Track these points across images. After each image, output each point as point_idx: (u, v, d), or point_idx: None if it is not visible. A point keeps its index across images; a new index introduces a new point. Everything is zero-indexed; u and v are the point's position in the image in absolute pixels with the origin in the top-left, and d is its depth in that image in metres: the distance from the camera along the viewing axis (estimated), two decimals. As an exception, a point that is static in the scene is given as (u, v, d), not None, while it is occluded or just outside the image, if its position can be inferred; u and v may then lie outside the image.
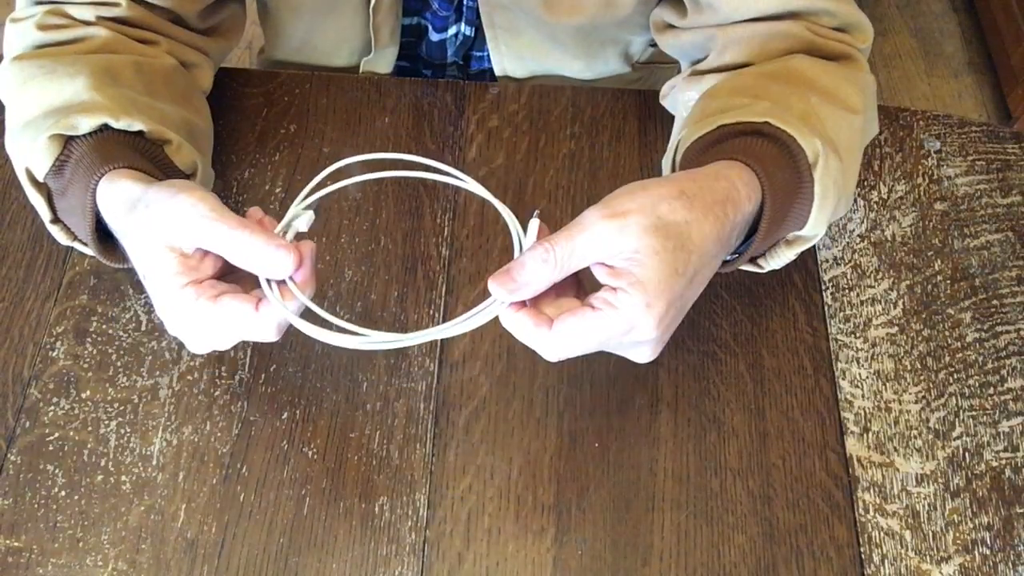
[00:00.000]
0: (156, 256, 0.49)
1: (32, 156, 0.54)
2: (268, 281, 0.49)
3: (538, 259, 0.47)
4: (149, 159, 0.57)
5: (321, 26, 0.78)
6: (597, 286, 0.49)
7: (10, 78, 0.59)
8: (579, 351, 0.49)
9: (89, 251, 0.58)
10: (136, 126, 0.56)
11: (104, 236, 0.56)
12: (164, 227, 0.49)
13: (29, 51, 0.61)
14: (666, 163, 0.64)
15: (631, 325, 0.47)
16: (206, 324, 0.50)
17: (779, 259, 0.59)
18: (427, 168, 0.54)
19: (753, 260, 0.60)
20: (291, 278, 0.49)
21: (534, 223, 0.51)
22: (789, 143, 0.54)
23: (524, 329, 0.48)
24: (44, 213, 0.57)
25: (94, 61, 0.59)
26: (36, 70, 0.58)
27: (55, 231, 0.58)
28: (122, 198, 0.52)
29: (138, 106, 0.58)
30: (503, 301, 0.48)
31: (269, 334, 0.50)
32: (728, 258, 0.57)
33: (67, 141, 0.55)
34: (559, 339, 0.48)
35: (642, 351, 0.51)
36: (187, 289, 0.49)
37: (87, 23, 0.61)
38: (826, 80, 0.60)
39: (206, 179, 0.63)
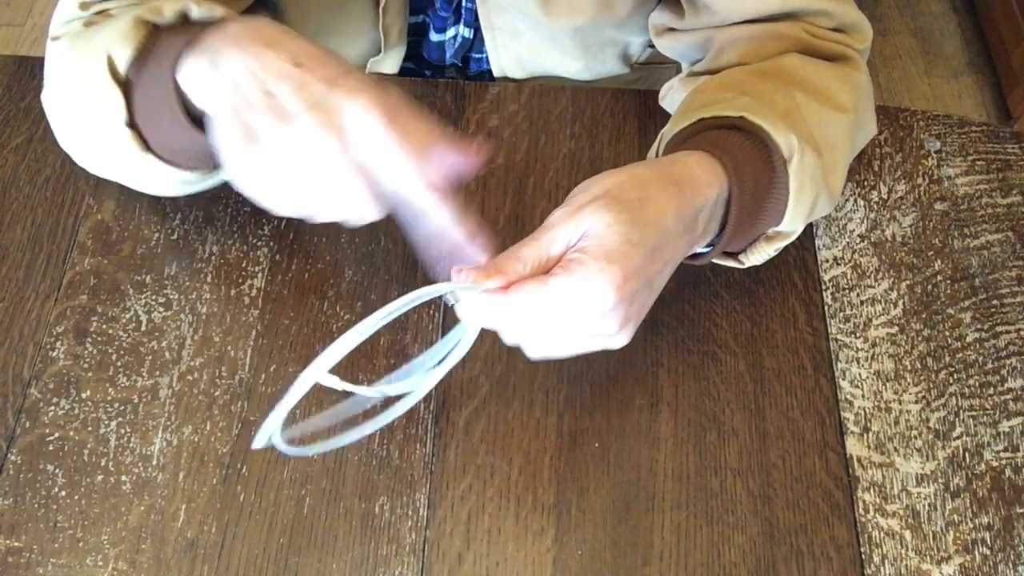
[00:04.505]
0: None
1: (114, 44, 0.53)
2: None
3: (515, 264, 0.49)
4: None
5: (330, 26, 0.78)
6: None
7: (64, 42, 0.58)
8: (542, 328, 0.50)
9: (166, 167, 0.56)
10: (218, 12, 0.53)
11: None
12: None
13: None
14: (650, 157, 0.64)
15: (588, 291, 0.47)
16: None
17: (758, 255, 0.60)
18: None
19: (734, 256, 0.60)
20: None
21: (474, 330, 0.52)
22: (764, 138, 0.55)
23: (479, 303, 0.48)
24: (119, 113, 0.53)
25: None
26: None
27: (125, 138, 0.55)
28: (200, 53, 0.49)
29: None
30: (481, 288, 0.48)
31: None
32: (702, 250, 0.57)
33: (151, 31, 0.53)
34: (515, 304, 0.48)
35: (610, 328, 0.50)
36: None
37: None
38: (815, 79, 0.60)
39: None
